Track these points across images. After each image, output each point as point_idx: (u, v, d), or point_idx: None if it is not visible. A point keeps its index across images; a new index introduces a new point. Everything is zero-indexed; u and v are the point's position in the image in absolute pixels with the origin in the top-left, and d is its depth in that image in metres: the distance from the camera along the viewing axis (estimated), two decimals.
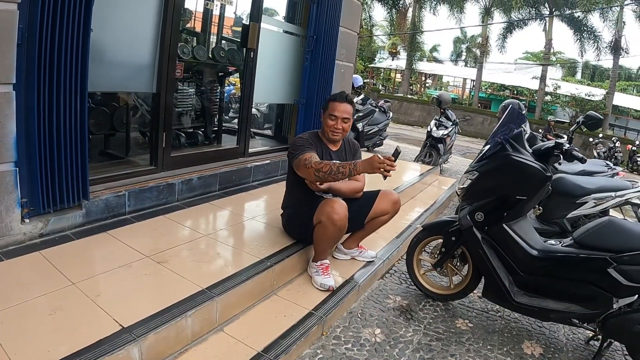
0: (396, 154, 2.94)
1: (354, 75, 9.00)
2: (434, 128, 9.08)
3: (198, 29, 6.16)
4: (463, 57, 41.93)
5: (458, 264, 3.54)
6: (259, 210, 4.44)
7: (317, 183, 3.24)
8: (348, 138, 3.75)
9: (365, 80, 16.04)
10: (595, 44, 26.88)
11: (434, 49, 41.98)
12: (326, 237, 3.28)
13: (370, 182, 3.62)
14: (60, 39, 2.92)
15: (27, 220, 3.07)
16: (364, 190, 3.76)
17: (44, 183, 3.08)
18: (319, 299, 3.19)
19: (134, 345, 2.17)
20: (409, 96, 32.48)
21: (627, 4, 25.21)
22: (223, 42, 6.41)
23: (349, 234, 3.78)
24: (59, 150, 3.11)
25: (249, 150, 5.46)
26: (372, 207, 3.59)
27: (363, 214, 3.59)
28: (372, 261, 3.87)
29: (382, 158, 2.88)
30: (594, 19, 40.78)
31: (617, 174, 5.52)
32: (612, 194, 4.79)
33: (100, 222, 3.53)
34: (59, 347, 2.08)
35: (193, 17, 6.05)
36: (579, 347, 3.23)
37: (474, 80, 33.89)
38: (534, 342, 3.21)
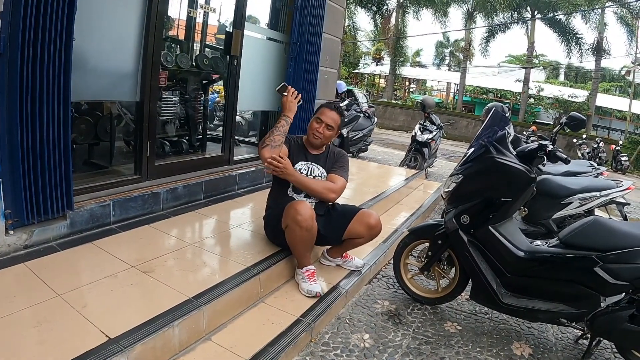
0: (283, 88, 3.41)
1: (338, 81, 9.03)
2: (419, 132, 9.13)
3: (181, 36, 6.13)
4: (446, 62, 42.25)
5: (445, 267, 3.56)
6: (245, 218, 4.43)
7: (275, 164, 3.16)
8: (335, 149, 3.73)
9: (349, 87, 16.05)
10: (578, 46, 27.21)
11: (417, 53, 42.27)
12: (297, 241, 3.25)
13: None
14: (42, 48, 2.89)
15: (11, 232, 3.02)
16: (346, 204, 3.75)
17: (28, 194, 3.03)
18: (307, 305, 3.17)
19: (121, 356, 2.15)
20: (393, 101, 32.63)
21: (607, 6, 25.57)
22: (206, 49, 6.39)
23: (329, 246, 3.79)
24: (43, 160, 3.07)
25: (234, 157, 5.44)
26: (347, 226, 3.52)
27: (340, 230, 3.53)
28: (359, 270, 3.82)
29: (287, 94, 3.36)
30: (576, 22, 41.28)
31: (601, 173, 5.57)
32: (597, 193, 4.84)
33: (85, 233, 3.49)
34: (45, 359, 2.05)
35: (176, 25, 6.03)
36: (568, 346, 3.26)
37: (457, 84, 34.09)
38: (523, 343, 3.23)
